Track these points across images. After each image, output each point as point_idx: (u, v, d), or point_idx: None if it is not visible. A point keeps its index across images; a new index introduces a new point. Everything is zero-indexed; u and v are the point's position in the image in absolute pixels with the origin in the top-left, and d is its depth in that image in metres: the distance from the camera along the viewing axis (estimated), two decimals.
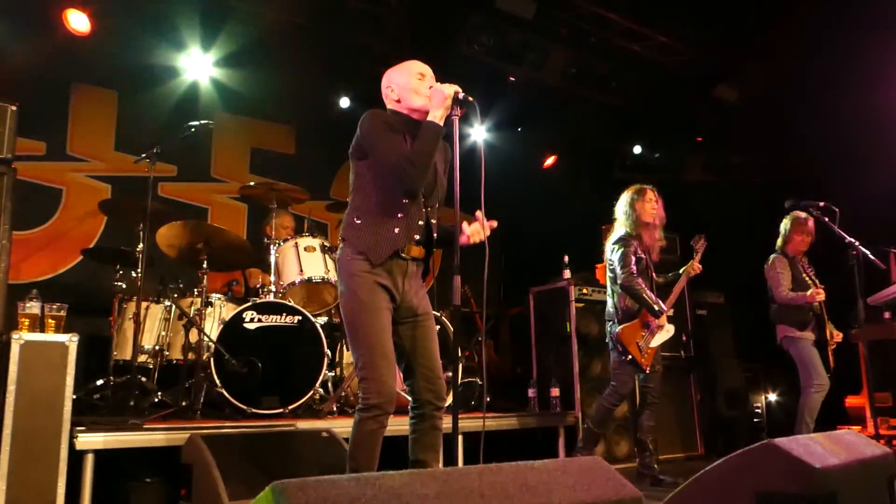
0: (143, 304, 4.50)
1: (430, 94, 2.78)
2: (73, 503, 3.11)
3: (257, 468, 3.27)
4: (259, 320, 4.20)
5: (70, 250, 5.70)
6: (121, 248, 4.72)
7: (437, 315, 3.03)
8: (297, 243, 4.77)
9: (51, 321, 3.25)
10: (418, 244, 2.80)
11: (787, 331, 4.93)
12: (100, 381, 4.45)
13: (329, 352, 4.41)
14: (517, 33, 6.06)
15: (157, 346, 4.66)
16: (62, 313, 3.29)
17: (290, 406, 4.13)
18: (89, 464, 3.25)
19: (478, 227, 2.77)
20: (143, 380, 4.41)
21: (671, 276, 4.79)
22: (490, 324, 6.97)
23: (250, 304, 4.27)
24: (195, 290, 4.67)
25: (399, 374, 2.91)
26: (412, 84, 2.86)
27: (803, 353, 4.84)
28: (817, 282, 4.84)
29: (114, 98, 6.25)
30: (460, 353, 5.13)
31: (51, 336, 3.12)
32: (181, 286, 4.83)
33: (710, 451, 5.93)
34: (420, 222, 2.80)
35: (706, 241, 4.83)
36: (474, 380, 5.31)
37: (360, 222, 2.78)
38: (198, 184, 6.61)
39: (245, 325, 4.18)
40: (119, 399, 4.15)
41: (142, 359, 4.58)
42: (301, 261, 4.69)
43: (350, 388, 4.62)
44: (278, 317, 4.27)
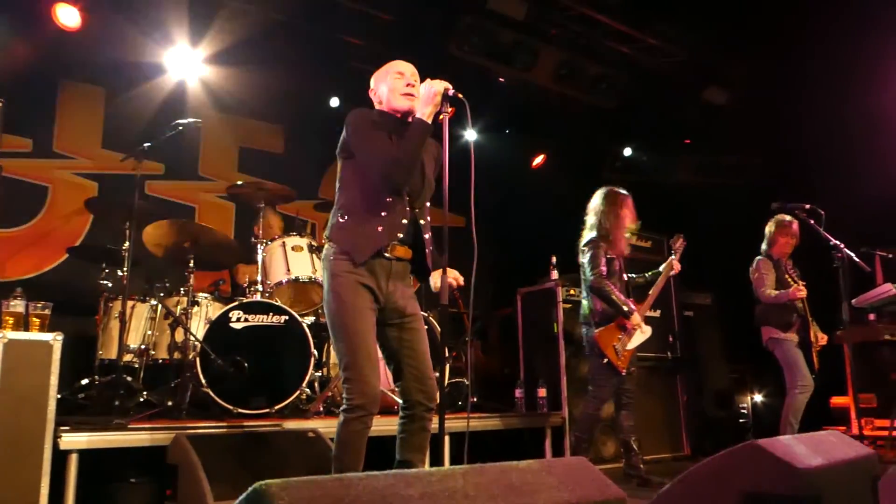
0: (129, 303, 4.48)
1: (411, 92, 2.78)
2: None
3: (243, 468, 3.26)
4: (246, 320, 4.18)
5: (55, 248, 5.65)
6: (107, 246, 4.69)
7: (424, 315, 3.03)
8: (284, 243, 4.75)
9: (35, 320, 3.22)
10: (403, 244, 2.79)
11: (771, 332, 4.97)
12: (85, 381, 4.41)
13: (316, 352, 4.40)
14: (508, 34, 6.06)
15: (142, 346, 4.63)
16: (47, 312, 3.27)
17: (277, 406, 4.11)
18: (73, 464, 3.22)
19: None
20: (129, 379, 4.37)
21: (650, 275, 4.81)
22: (478, 324, 6.97)
23: (237, 303, 4.24)
24: (181, 289, 4.65)
25: (388, 374, 2.90)
26: (390, 84, 2.86)
27: (787, 354, 4.88)
28: (799, 281, 4.87)
29: (101, 95, 6.20)
30: (447, 354, 5.13)
31: (35, 335, 3.09)
32: (167, 285, 4.80)
33: (697, 451, 5.96)
34: (404, 221, 2.79)
35: (685, 241, 4.86)
36: (462, 380, 5.31)
37: (343, 221, 2.78)
38: (185, 182, 6.57)
39: (232, 324, 4.15)
40: (104, 399, 4.12)
41: (127, 358, 4.54)
42: (288, 260, 4.68)
43: (337, 389, 4.61)
44: (265, 316, 4.25)
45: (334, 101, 6.79)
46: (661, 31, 6.45)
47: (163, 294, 4.72)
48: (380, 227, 2.73)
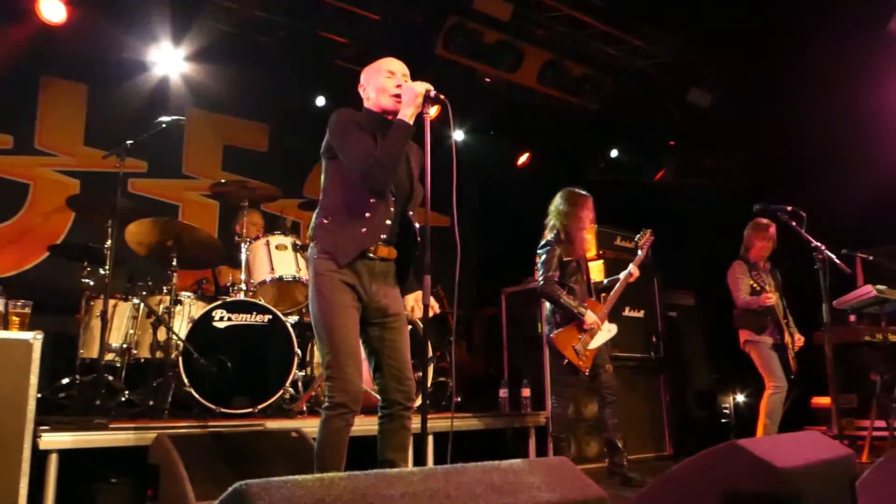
0: (111, 302, 4.44)
1: (400, 93, 2.78)
2: None
3: (225, 468, 3.24)
4: (229, 319, 4.16)
5: (36, 246, 5.59)
6: (89, 244, 4.64)
7: (408, 315, 3.03)
8: (268, 241, 4.73)
9: (15, 318, 3.19)
10: (387, 244, 2.79)
11: (747, 335, 5.08)
12: (66, 380, 4.38)
13: (299, 351, 4.38)
14: (493, 34, 6.07)
15: (124, 345, 4.60)
16: (26, 310, 3.23)
17: (260, 406, 4.10)
18: (53, 464, 3.19)
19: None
20: (111, 379, 4.34)
21: (607, 282, 4.84)
22: (462, 324, 6.98)
23: (220, 302, 4.22)
24: (164, 287, 4.62)
25: (369, 373, 2.90)
26: (380, 82, 2.86)
27: (762, 355, 4.99)
28: (767, 288, 4.93)
29: (84, 91, 6.15)
30: (431, 354, 5.13)
31: (14, 333, 3.05)
32: (150, 284, 4.77)
33: (680, 451, 5.99)
34: (388, 222, 2.79)
35: (653, 237, 4.89)
36: (446, 380, 5.31)
37: (327, 222, 2.78)
38: (169, 180, 6.53)
39: (215, 323, 4.13)
40: (85, 398, 4.08)
41: (109, 357, 4.51)
42: (272, 259, 4.66)
43: (320, 388, 4.58)
44: (248, 315, 4.23)
45: (320, 100, 6.78)
46: (645, 34, 6.50)
47: (145, 293, 4.69)
48: (363, 229, 2.73)
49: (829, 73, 5.83)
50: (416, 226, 2.87)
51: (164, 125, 4.27)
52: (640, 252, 4.90)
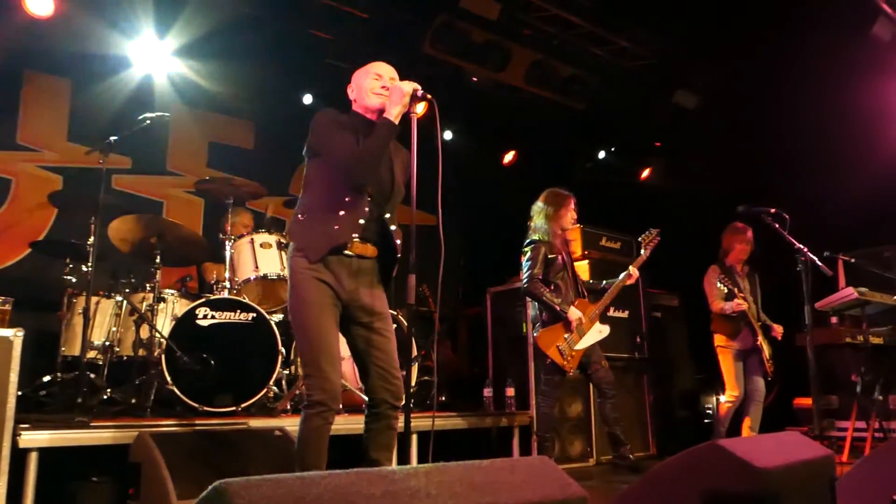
0: (94, 299, 4.41)
1: (386, 93, 2.78)
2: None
3: (208, 467, 3.22)
4: (212, 317, 4.14)
5: (18, 243, 5.54)
6: (71, 241, 4.59)
7: (393, 314, 3.03)
8: (252, 239, 4.71)
9: None
10: (364, 241, 2.79)
11: (718, 339, 5.16)
12: (47, 378, 4.34)
13: (283, 349, 4.37)
14: (481, 34, 6.07)
15: (107, 342, 4.56)
16: (7, 307, 3.21)
17: (243, 404, 4.08)
18: (33, 462, 3.17)
19: None
20: (92, 376, 4.30)
21: (605, 284, 4.85)
22: (447, 323, 6.97)
23: (204, 300, 4.20)
24: (148, 285, 4.59)
25: (356, 372, 2.90)
26: (367, 84, 2.88)
27: (726, 363, 5.11)
28: (736, 291, 4.97)
29: (67, 86, 6.09)
30: (416, 353, 5.12)
31: None
32: (133, 281, 4.73)
33: (663, 451, 6.01)
34: (361, 221, 2.78)
35: (659, 237, 4.92)
36: (431, 379, 5.31)
37: (302, 220, 2.80)
38: (153, 177, 6.47)
39: (198, 321, 4.11)
40: (67, 396, 4.05)
41: (91, 355, 4.47)
42: (257, 257, 4.64)
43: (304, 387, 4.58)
44: (232, 313, 4.21)
45: (307, 98, 6.75)
46: (632, 35, 6.52)
47: (128, 290, 4.66)
48: (336, 226, 2.74)
49: (816, 76, 5.87)
50: (393, 228, 2.87)
51: (148, 121, 4.24)
52: (642, 252, 4.89)
